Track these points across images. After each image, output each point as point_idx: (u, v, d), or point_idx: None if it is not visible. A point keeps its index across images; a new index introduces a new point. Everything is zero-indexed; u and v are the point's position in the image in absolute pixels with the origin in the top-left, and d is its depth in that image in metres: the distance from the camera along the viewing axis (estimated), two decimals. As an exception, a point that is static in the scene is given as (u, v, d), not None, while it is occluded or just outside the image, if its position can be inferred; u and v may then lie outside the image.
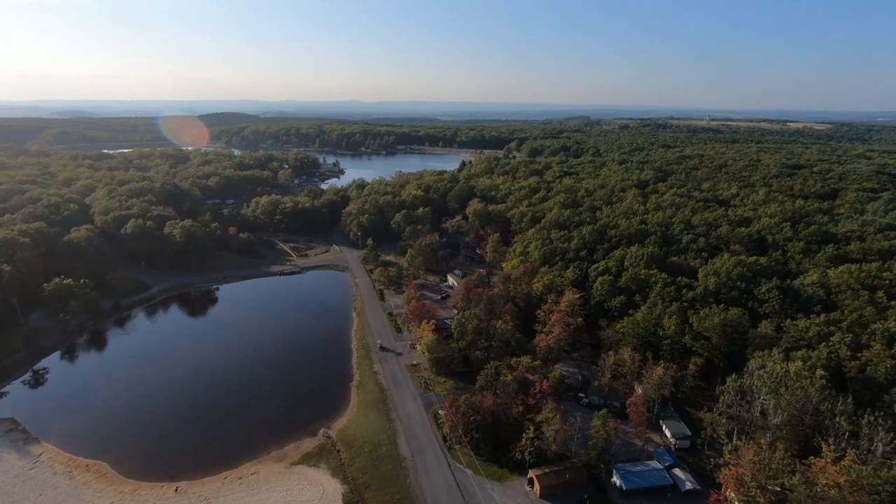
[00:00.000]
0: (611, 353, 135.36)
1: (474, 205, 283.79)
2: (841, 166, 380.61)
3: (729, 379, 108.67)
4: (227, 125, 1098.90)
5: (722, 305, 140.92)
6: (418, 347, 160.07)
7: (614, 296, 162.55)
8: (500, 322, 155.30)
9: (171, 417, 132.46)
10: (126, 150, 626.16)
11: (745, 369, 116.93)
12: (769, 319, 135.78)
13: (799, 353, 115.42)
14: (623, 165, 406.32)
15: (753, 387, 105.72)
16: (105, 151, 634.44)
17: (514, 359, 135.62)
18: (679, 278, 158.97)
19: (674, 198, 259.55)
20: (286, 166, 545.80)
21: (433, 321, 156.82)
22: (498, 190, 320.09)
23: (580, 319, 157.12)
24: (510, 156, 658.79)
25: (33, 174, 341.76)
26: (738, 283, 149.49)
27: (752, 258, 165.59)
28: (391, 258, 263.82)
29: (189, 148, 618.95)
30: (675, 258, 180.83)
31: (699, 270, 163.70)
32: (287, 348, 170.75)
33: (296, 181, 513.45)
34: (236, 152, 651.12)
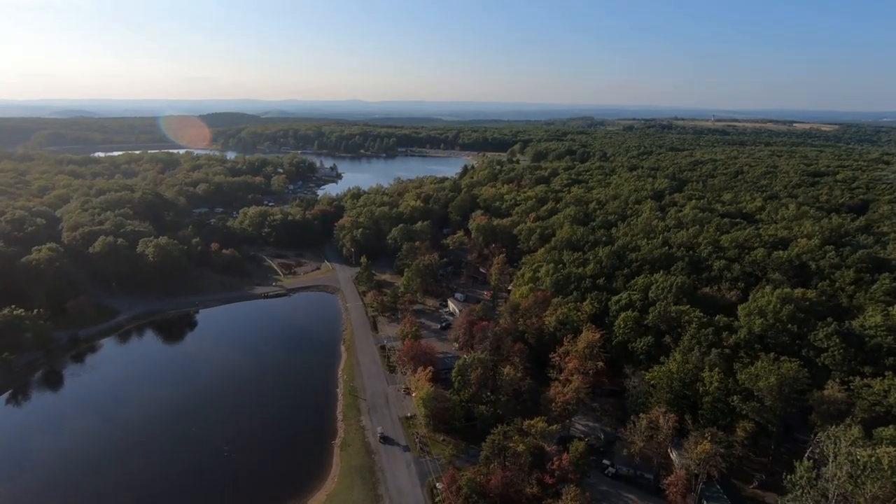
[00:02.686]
0: (642, 415, 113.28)
1: (477, 218, 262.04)
2: (865, 174, 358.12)
3: (800, 467, 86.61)
4: (227, 125, 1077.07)
5: (772, 355, 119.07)
6: (413, 397, 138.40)
7: (640, 335, 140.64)
8: (507, 368, 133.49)
9: (114, 492, 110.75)
10: (115, 154, 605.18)
11: (811, 442, 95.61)
12: (831, 375, 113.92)
13: (886, 430, 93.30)
14: (634, 172, 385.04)
15: (833, 477, 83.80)
16: (95, 155, 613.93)
17: (527, 421, 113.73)
18: (717, 317, 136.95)
19: (694, 212, 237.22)
20: (281, 171, 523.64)
21: (430, 369, 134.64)
22: (503, 200, 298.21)
23: (601, 363, 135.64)
24: (514, 159, 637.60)
25: (6, 183, 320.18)
26: (789, 325, 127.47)
27: (798, 291, 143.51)
28: (387, 277, 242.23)
29: (181, 152, 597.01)
30: (707, 289, 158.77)
31: (739, 307, 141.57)
32: (263, 394, 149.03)
33: (290, 187, 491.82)
34: (229, 155, 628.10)
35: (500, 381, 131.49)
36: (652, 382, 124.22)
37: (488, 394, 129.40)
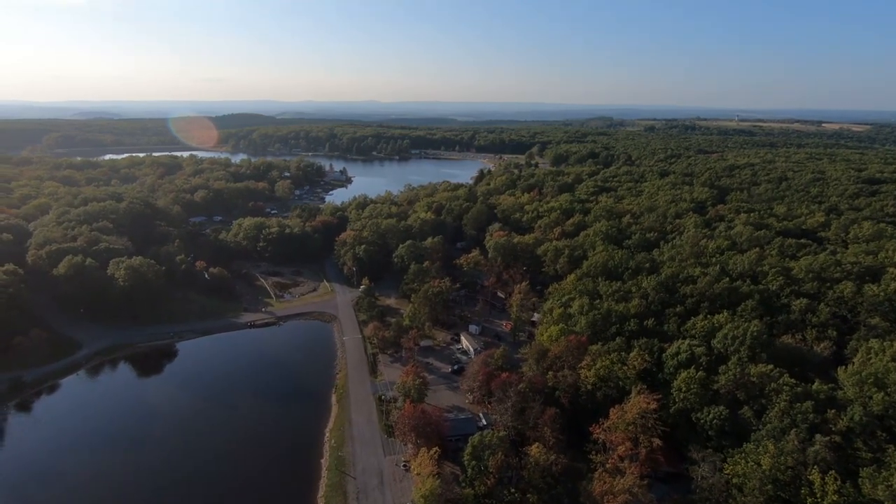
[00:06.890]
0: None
1: (494, 235, 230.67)
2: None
3: None
4: (241, 126, 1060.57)
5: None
6: (414, 479, 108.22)
7: (708, 403, 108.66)
8: (536, 447, 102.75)
9: None
10: (119, 157, 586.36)
11: None
12: None
13: None
14: (666, 179, 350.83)
15: None
16: (103, 157, 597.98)
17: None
18: (815, 385, 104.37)
19: (748, 229, 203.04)
20: (287, 175, 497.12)
21: (435, 449, 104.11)
22: (523, 211, 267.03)
23: (657, 441, 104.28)
24: (532, 162, 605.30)
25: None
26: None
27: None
28: (392, 302, 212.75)
29: (185, 155, 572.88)
30: (788, 337, 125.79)
31: (839, 371, 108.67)
32: (230, 466, 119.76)
33: (297, 192, 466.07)
34: (235, 159, 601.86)
35: (526, 467, 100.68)
36: (734, 480, 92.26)
37: (511, 490, 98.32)
